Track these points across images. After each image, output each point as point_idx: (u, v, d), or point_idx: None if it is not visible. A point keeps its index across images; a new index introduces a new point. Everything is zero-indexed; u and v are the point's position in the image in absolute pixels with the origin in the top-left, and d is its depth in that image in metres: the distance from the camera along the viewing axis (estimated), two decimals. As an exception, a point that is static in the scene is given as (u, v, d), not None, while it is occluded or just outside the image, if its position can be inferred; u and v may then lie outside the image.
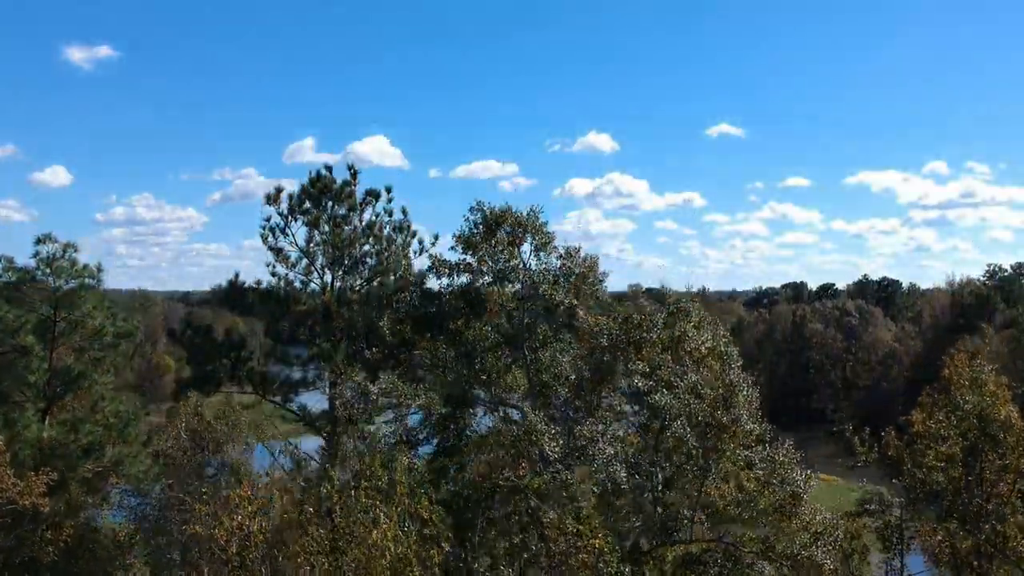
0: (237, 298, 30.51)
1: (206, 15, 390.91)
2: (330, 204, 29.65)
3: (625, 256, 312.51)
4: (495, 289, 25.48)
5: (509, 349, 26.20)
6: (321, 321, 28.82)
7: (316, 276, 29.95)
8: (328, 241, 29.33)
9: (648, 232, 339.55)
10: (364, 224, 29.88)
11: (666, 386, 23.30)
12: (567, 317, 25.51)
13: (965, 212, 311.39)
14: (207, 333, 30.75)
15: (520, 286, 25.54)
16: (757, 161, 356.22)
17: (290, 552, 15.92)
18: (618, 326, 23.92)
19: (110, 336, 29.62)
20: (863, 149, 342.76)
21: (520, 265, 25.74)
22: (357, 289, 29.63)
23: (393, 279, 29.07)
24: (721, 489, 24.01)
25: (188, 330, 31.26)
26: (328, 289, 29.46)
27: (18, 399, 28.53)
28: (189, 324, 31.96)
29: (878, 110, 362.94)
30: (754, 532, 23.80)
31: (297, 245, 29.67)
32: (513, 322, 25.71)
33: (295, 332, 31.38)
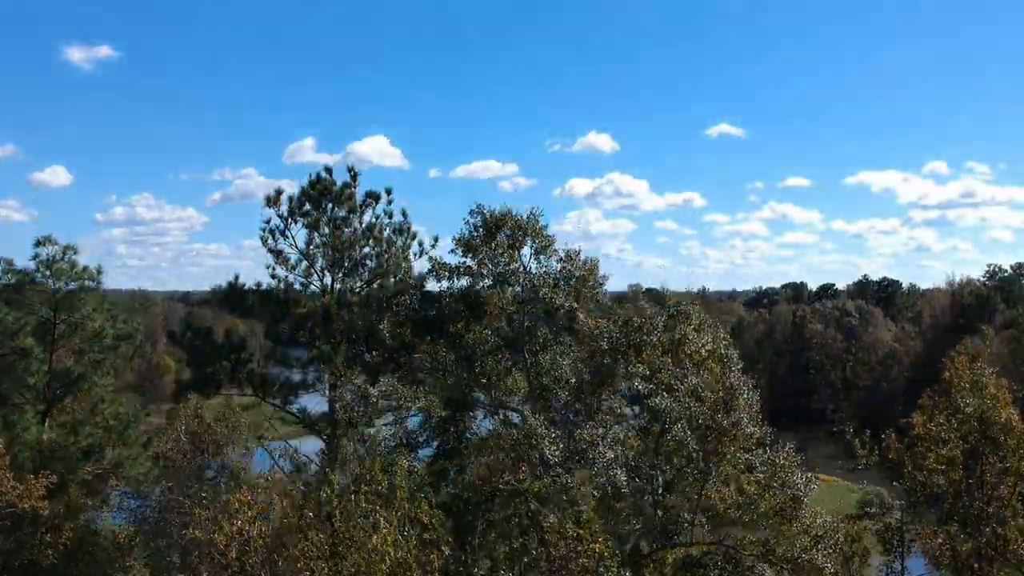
0: (237, 300, 30.50)
1: (206, 15, 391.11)
2: (330, 206, 29.62)
3: (625, 256, 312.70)
4: (495, 292, 25.44)
5: (509, 352, 26.14)
6: (321, 323, 28.78)
7: (316, 278, 29.96)
8: (328, 243, 29.29)
9: (648, 232, 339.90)
10: (364, 226, 29.86)
11: (666, 389, 23.26)
12: (567, 320, 25.46)
13: (965, 212, 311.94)
14: (207, 335, 30.71)
15: (520, 289, 25.49)
16: (757, 161, 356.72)
17: (290, 556, 15.90)
18: (618, 329, 23.85)
19: (110, 338, 29.61)
20: (863, 149, 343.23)
21: (520, 268, 25.70)
22: (357, 291, 29.57)
23: (393, 281, 29.02)
24: (721, 492, 23.95)
25: (188, 332, 31.24)
26: (328, 291, 29.40)
27: (18, 401, 28.49)
28: (189, 326, 31.94)
29: (878, 110, 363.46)
30: (754, 535, 23.76)
31: (297, 247, 29.71)
32: (513, 325, 25.67)
33: (295, 334, 31.37)
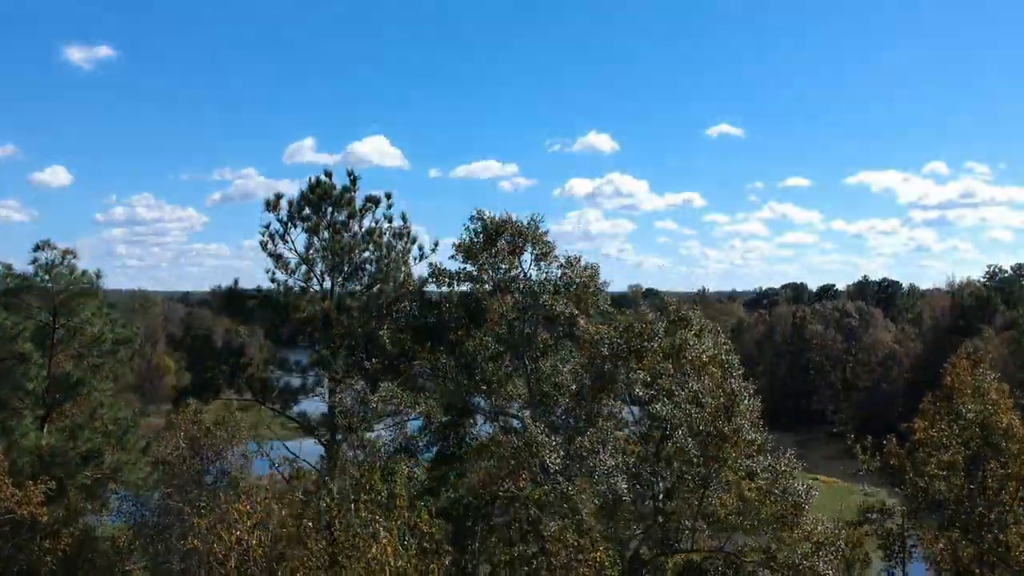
0: (237, 304, 30.38)
1: (206, 15, 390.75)
2: (330, 210, 29.53)
3: (625, 256, 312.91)
4: (496, 299, 25.37)
5: (509, 358, 26.08)
6: (321, 328, 28.68)
7: (316, 283, 29.86)
8: (328, 247, 29.20)
9: (648, 232, 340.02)
10: (364, 230, 29.75)
11: (667, 395, 23.19)
12: (568, 326, 25.39)
13: (965, 212, 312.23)
14: (206, 340, 30.63)
15: (521, 296, 25.42)
16: (757, 161, 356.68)
17: (289, 566, 15.79)
18: (619, 335, 23.80)
19: (109, 343, 29.49)
20: (863, 149, 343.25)
21: (521, 275, 25.64)
22: (357, 296, 29.46)
23: (393, 286, 28.91)
24: (722, 498, 23.88)
25: (188, 337, 31.14)
26: (328, 297, 29.29)
27: (17, 406, 28.36)
28: (189, 330, 31.83)
29: (878, 110, 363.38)
30: (756, 541, 23.69)
31: (296, 251, 29.61)
32: (514, 332, 25.60)
33: (295, 338, 31.30)
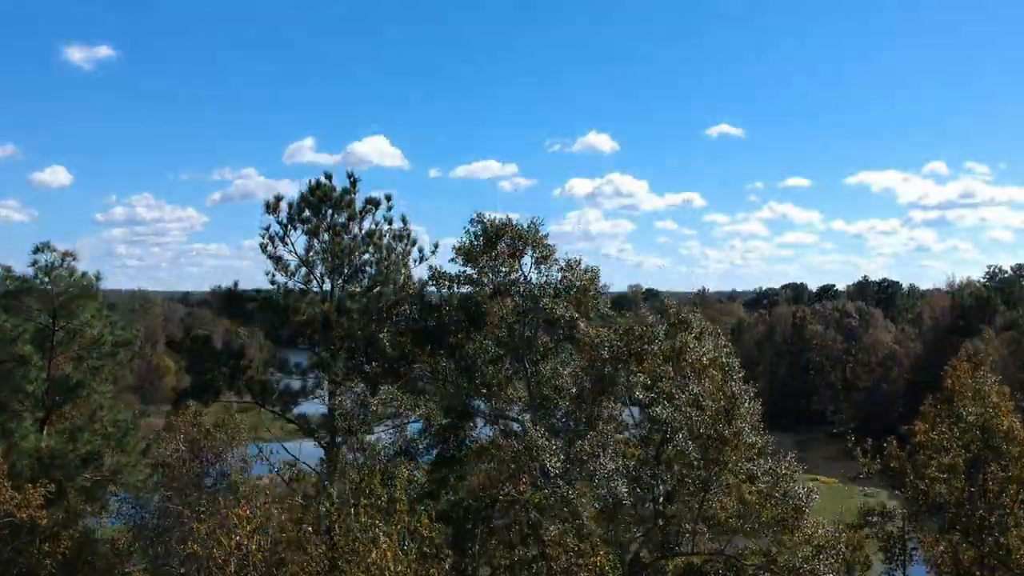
0: (236, 306, 30.33)
1: (206, 15, 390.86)
2: (330, 212, 29.43)
3: (625, 256, 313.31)
4: (496, 303, 25.33)
5: (509, 361, 26.05)
6: (321, 330, 28.62)
7: (315, 285, 29.80)
8: (328, 250, 29.13)
9: (648, 232, 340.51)
10: (364, 232, 29.66)
11: (667, 398, 23.16)
12: (568, 329, 25.36)
13: (965, 212, 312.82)
14: (206, 341, 30.57)
15: (520, 299, 25.37)
16: (757, 161, 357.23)
17: (289, 571, 15.77)
18: (619, 338, 23.78)
19: (109, 345, 29.42)
20: (863, 149, 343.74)
21: (521, 278, 25.60)
22: (357, 298, 29.39)
23: (392, 289, 28.85)
24: (723, 501, 23.86)
25: (187, 339, 31.09)
26: (328, 300, 29.23)
27: (16, 409, 28.28)
28: (188, 332, 31.77)
29: (878, 110, 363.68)
30: (756, 544, 23.67)
31: (296, 254, 29.47)
32: (514, 335, 25.56)
33: (295, 339, 31.23)
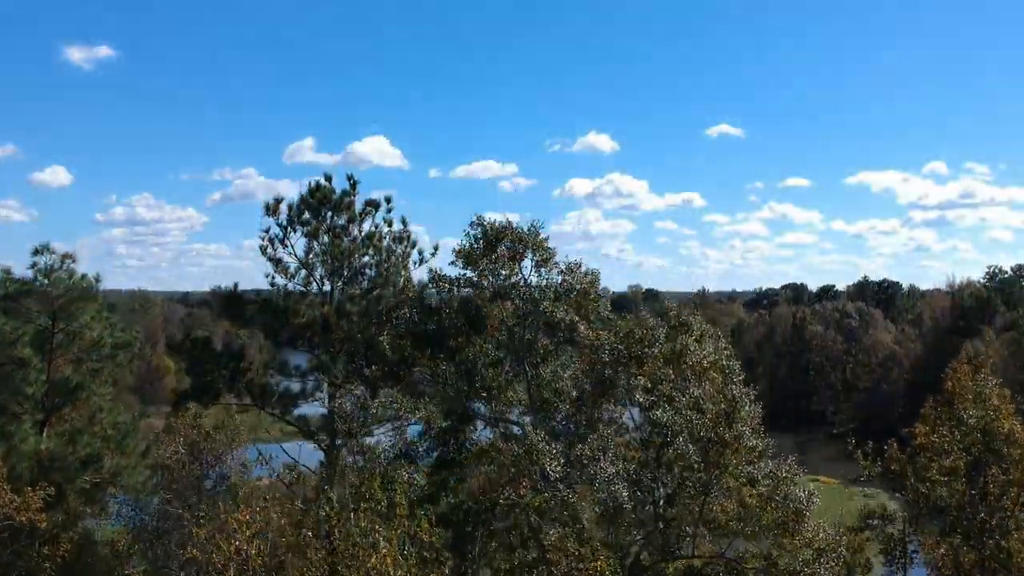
0: (236, 309, 30.28)
1: (206, 15, 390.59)
2: (329, 214, 29.42)
3: (625, 256, 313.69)
4: (496, 306, 25.29)
5: (510, 364, 26.01)
6: (320, 333, 28.58)
7: (315, 287, 29.77)
8: (327, 252, 29.12)
9: (648, 232, 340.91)
10: (363, 235, 29.66)
11: (667, 401, 23.12)
12: (568, 333, 25.32)
13: (965, 212, 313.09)
14: (206, 343, 30.52)
15: (521, 302, 25.33)
16: (757, 161, 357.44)
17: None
18: (619, 340, 23.74)
19: (108, 347, 29.38)
20: (863, 149, 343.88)
21: (521, 281, 25.56)
22: (357, 300, 29.35)
23: (392, 291, 28.83)
24: (723, 505, 23.81)
25: (187, 341, 31.05)
26: (327, 303, 29.19)
27: (16, 411, 28.23)
28: (188, 334, 31.73)
29: (878, 110, 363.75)
30: (757, 547, 23.63)
31: (296, 256, 29.47)
32: (514, 338, 25.52)
33: (295, 341, 31.17)
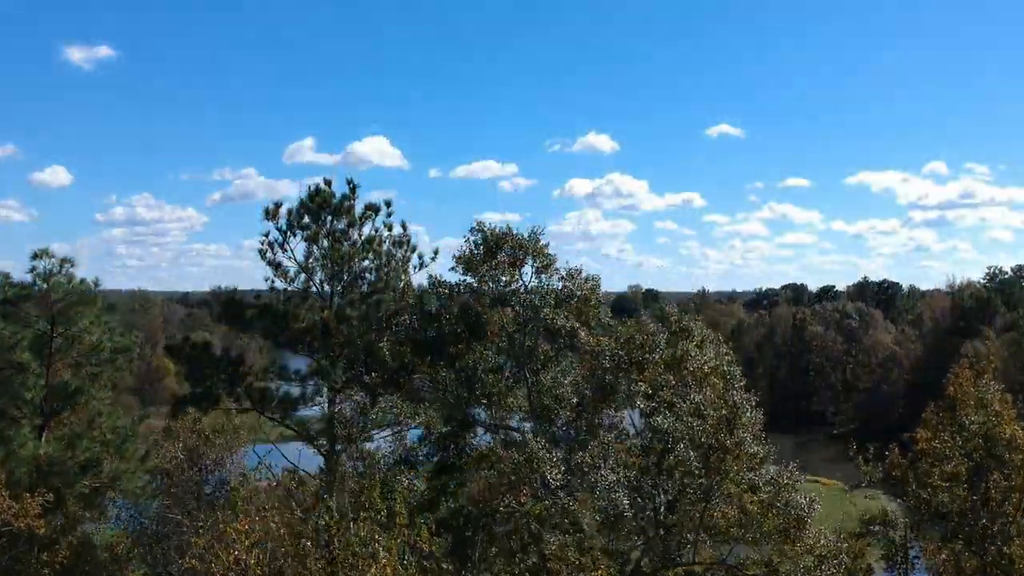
0: (235, 313, 30.19)
1: (206, 15, 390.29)
2: (329, 219, 29.34)
3: (625, 256, 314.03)
4: (496, 312, 25.21)
5: (510, 370, 25.94)
6: (320, 337, 28.49)
7: (315, 291, 29.70)
8: (327, 256, 29.05)
9: (648, 232, 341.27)
10: (363, 239, 29.57)
11: (668, 407, 23.04)
12: (569, 339, 25.25)
13: (965, 212, 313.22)
14: (204, 348, 30.43)
15: (521, 309, 25.24)
16: (757, 161, 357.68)
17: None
18: (620, 346, 23.67)
19: (107, 351, 29.32)
20: (863, 149, 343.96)
21: (521, 287, 25.47)
22: (356, 305, 29.27)
23: (392, 296, 28.76)
24: (724, 511, 23.74)
25: (186, 345, 30.96)
26: (327, 308, 29.11)
27: (15, 416, 28.18)
28: (187, 338, 31.64)
29: (878, 110, 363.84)
30: (758, 554, 23.57)
31: (296, 260, 29.41)
32: (514, 344, 25.44)
33: (295, 345, 31.08)
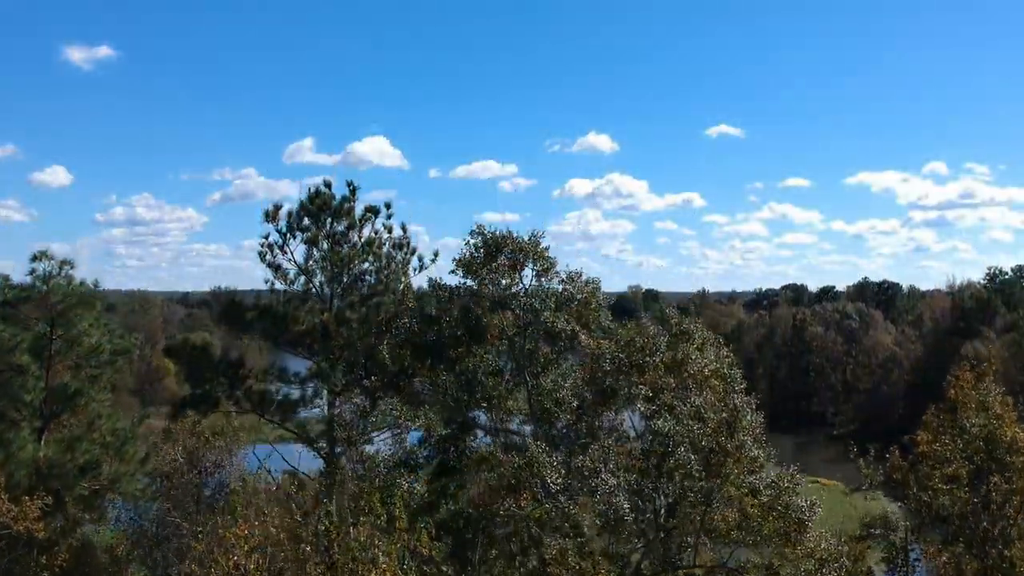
0: (235, 316, 30.15)
1: (206, 16, 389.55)
2: (329, 221, 29.31)
3: (625, 257, 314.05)
4: (496, 315, 25.16)
5: (510, 374, 25.89)
6: (320, 340, 28.46)
7: (315, 293, 29.67)
8: (327, 258, 29.02)
9: (648, 232, 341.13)
10: (363, 241, 29.55)
11: (668, 410, 22.99)
12: (569, 342, 25.21)
13: (964, 213, 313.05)
14: (204, 350, 30.40)
15: (521, 312, 25.19)
16: (757, 161, 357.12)
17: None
18: (621, 349, 23.63)
19: (107, 353, 29.28)
20: (863, 149, 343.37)
21: (521, 291, 25.41)
22: (356, 307, 29.24)
23: (392, 298, 28.73)
24: (725, 514, 23.69)
25: (186, 347, 30.93)
26: (327, 310, 29.07)
27: (14, 418, 28.12)
28: (186, 340, 31.61)
29: (878, 110, 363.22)
30: (759, 557, 23.53)
31: (296, 262, 29.38)
32: (515, 347, 25.39)
33: (295, 347, 31.06)
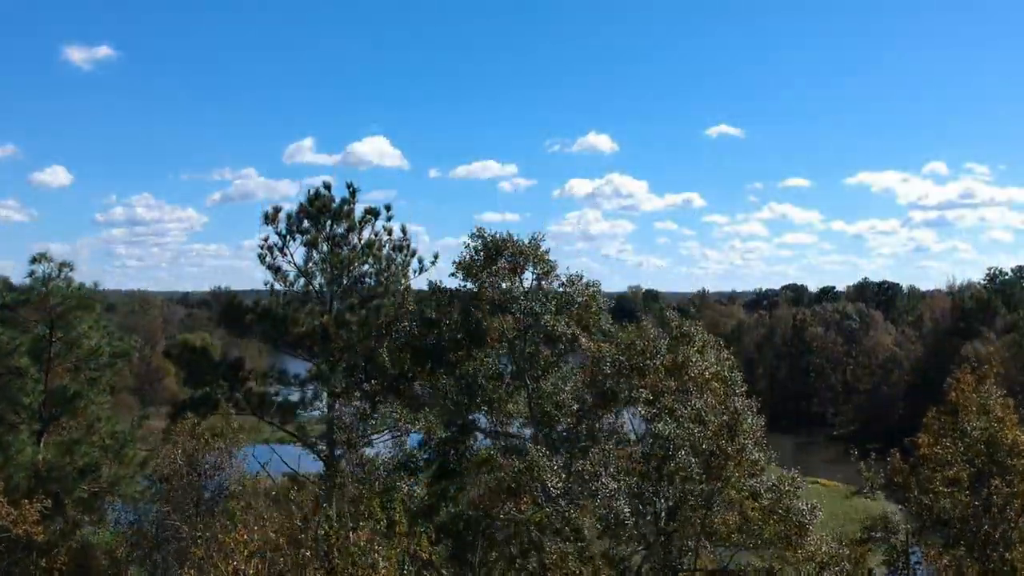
0: (235, 318, 30.08)
1: (206, 16, 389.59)
2: (329, 223, 29.25)
3: (625, 257, 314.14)
4: (496, 318, 25.11)
5: (510, 377, 25.84)
6: (320, 342, 28.41)
7: (314, 295, 29.62)
8: (327, 260, 28.96)
9: (648, 233, 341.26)
10: (363, 243, 29.48)
11: (669, 413, 22.95)
12: (569, 345, 25.16)
13: (964, 213, 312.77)
14: (203, 353, 30.33)
15: (521, 315, 25.15)
16: (757, 161, 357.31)
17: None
18: (621, 352, 23.59)
19: (106, 355, 29.23)
20: (863, 149, 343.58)
21: (521, 294, 25.35)
22: (356, 309, 29.19)
23: (392, 301, 28.67)
24: (725, 517, 23.67)
25: (185, 349, 30.87)
26: (327, 312, 29.02)
27: (13, 421, 28.07)
28: (186, 342, 31.55)
29: (878, 110, 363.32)
30: (759, 560, 23.51)
31: (295, 264, 29.31)
32: (515, 350, 25.34)
33: (295, 349, 31.01)
